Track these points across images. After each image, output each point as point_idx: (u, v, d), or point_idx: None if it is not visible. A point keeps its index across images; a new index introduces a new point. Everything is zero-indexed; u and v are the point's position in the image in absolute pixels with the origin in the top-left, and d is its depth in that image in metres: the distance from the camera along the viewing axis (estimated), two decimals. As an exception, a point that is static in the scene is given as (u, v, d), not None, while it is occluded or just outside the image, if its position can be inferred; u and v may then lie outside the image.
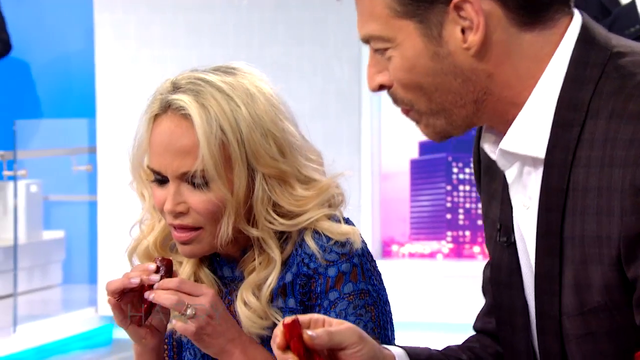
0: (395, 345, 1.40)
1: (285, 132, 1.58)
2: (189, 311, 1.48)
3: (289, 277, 1.56)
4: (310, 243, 1.55)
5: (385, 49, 1.27)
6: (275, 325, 1.55)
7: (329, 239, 1.55)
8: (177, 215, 1.55)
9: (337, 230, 1.56)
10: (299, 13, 5.92)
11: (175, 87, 1.58)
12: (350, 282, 1.54)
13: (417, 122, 1.31)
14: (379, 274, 1.59)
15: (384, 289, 1.60)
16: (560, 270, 1.20)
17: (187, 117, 1.54)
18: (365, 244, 1.59)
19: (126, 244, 1.68)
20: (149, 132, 1.57)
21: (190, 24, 6.01)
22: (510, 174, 1.29)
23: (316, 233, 1.56)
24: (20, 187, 6.65)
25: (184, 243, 1.56)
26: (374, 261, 1.59)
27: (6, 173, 6.23)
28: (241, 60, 1.67)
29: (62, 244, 7.14)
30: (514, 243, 1.31)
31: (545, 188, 1.22)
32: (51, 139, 7.03)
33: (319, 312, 1.53)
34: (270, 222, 1.55)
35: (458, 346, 1.50)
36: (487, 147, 1.32)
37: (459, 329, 5.70)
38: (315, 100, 5.88)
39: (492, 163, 1.37)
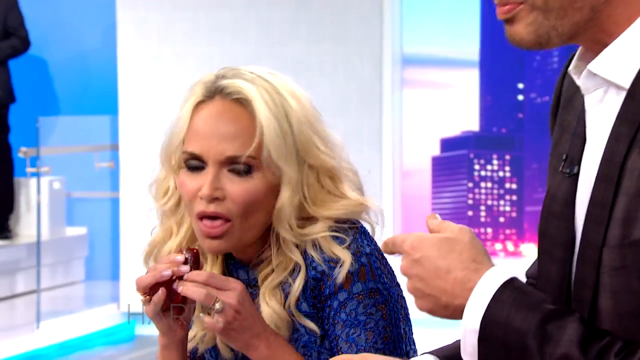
0: (425, 353, 1.41)
1: (326, 133, 1.60)
2: (217, 305, 1.48)
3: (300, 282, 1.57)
4: (313, 254, 1.56)
5: None
6: (294, 327, 1.56)
7: (336, 240, 1.55)
8: (213, 200, 1.52)
9: (331, 249, 1.55)
10: (320, 10, 5.95)
11: (223, 77, 1.58)
12: (359, 281, 1.53)
13: (518, 20, 1.22)
14: (391, 272, 1.59)
15: (397, 286, 1.59)
16: (614, 201, 1.19)
17: (239, 102, 1.53)
18: (373, 241, 1.58)
19: (147, 239, 1.68)
20: (188, 118, 1.55)
21: (212, 22, 6.04)
22: (591, 100, 1.27)
23: (314, 245, 1.56)
24: (43, 184, 6.71)
25: (213, 237, 1.55)
26: (385, 259, 1.58)
27: (29, 170, 6.29)
28: (264, 58, 1.68)
29: (85, 240, 7.19)
30: (577, 174, 1.28)
31: (620, 117, 1.21)
32: (74, 136, 7.08)
33: (329, 313, 1.54)
34: (289, 226, 1.55)
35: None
36: (574, 71, 1.29)
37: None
38: (336, 97, 5.90)
39: (574, 97, 1.35)
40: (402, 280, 1.64)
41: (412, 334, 1.62)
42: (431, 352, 1.39)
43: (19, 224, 6.98)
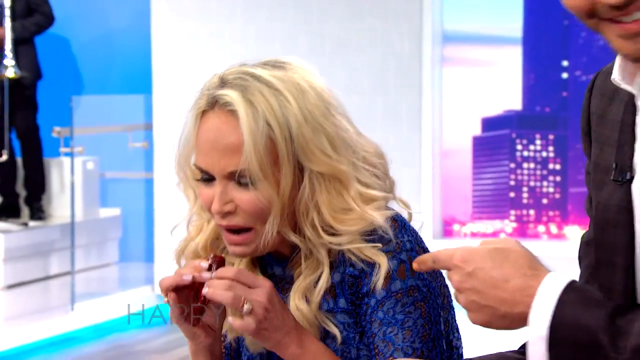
0: None
1: (337, 128, 1.54)
2: (246, 307, 1.47)
3: (337, 277, 1.55)
4: (349, 255, 1.55)
5: None
6: (324, 329, 1.55)
7: (374, 237, 1.53)
8: (225, 215, 1.53)
9: (365, 254, 1.53)
10: (359, -14, 5.92)
11: (223, 82, 1.56)
12: (397, 279, 1.52)
13: None
14: None
15: (440, 276, 1.58)
16: None
17: (234, 113, 1.52)
18: (415, 234, 1.56)
19: (183, 221, 1.68)
20: (196, 129, 1.55)
21: (248, -2, 6.04)
22: None
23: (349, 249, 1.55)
24: (77, 164, 6.76)
25: (236, 244, 1.55)
26: (428, 251, 1.56)
27: (63, 150, 6.33)
28: (301, 35, 1.67)
29: (119, 221, 7.24)
30: (630, 180, 1.29)
31: None
32: (107, 115, 7.12)
33: (365, 310, 1.53)
34: (312, 229, 1.54)
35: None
36: (620, 79, 1.29)
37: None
38: (374, 75, 5.88)
39: (606, 111, 1.36)
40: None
41: (455, 321, 1.61)
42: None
43: (53, 205, 7.04)
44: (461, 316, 1.64)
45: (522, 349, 1.45)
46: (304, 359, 1.51)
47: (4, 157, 6.63)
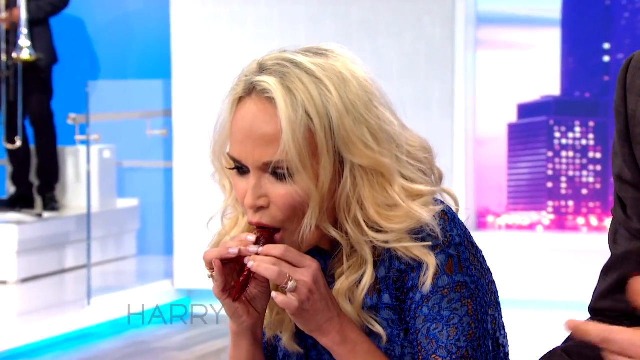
0: None
1: (380, 120, 1.53)
2: (290, 284, 1.48)
3: (382, 272, 1.55)
4: (397, 252, 1.55)
5: None
6: (368, 329, 1.55)
7: (421, 230, 1.53)
8: (258, 210, 1.52)
9: (412, 253, 1.53)
10: (388, -35, 5.89)
11: (261, 69, 1.55)
12: (445, 274, 1.52)
13: None
14: (481, 261, 1.57)
15: (488, 272, 1.58)
16: None
17: (272, 101, 1.51)
18: (464, 229, 1.56)
19: (203, 212, 1.67)
20: (231, 116, 1.55)
21: (271, -21, 6.02)
22: None
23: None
24: (93, 153, 6.78)
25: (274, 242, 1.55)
26: (476, 248, 1.57)
27: (78, 137, 6.35)
28: (328, 17, 1.66)
29: (137, 212, 7.26)
30: None
31: None
32: (125, 101, 7.13)
33: (410, 305, 1.53)
34: (355, 225, 1.53)
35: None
36: None
37: (560, 306, 5.66)
38: (404, 60, 5.85)
39: None
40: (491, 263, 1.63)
41: (501, 318, 1.61)
42: None
43: (68, 195, 7.07)
44: (506, 313, 1.64)
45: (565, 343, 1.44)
46: (343, 347, 1.52)
47: (18, 144, 6.66)
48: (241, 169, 1.55)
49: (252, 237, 1.52)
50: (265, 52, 1.61)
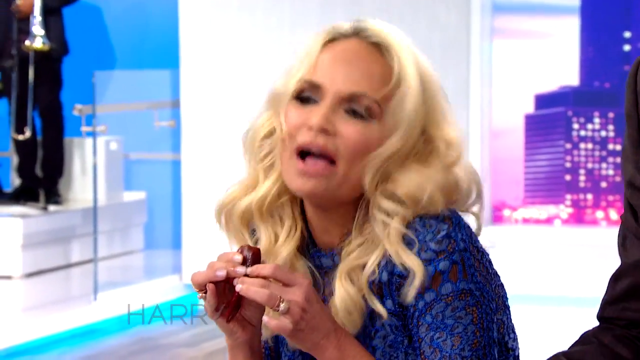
0: None
1: (449, 108, 1.62)
2: (282, 306, 1.47)
3: (385, 277, 1.54)
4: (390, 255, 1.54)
5: None
6: (374, 320, 1.55)
7: (424, 234, 1.53)
8: (322, 132, 1.52)
9: (400, 256, 1.52)
10: (402, -48, 5.88)
11: (358, 22, 1.60)
12: (449, 281, 1.51)
13: None
14: (487, 266, 1.56)
15: (495, 275, 1.57)
16: None
17: (378, 47, 1.56)
18: (469, 233, 1.55)
19: (212, 205, 1.65)
20: (316, 52, 1.56)
21: (282, -34, 6.02)
22: None
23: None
24: (100, 145, 6.79)
25: (309, 176, 1.53)
26: (482, 252, 1.55)
27: (84, 129, 6.36)
28: (339, 4, 1.66)
29: (144, 206, 7.27)
30: None
31: None
32: (132, 92, 7.14)
33: (413, 313, 1.52)
34: (380, 192, 1.54)
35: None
36: None
37: (578, 302, 5.65)
38: (418, 49, 5.84)
39: None
40: (498, 253, 1.63)
41: (511, 321, 1.60)
42: None
43: (74, 188, 7.08)
44: (516, 315, 1.63)
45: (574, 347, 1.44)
46: None
47: (27, 134, 6.66)
48: (306, 99, 1.55)
49: (238, 257, 1.50)
50: (276, 42, 1.61)
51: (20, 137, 6.66)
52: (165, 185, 7.13)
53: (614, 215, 6.13)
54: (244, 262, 1.50)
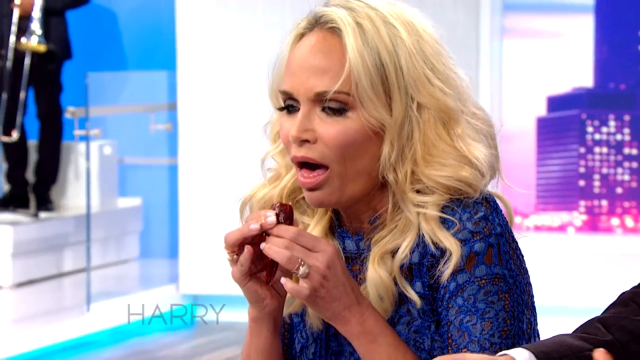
0: (519, 347, 1.39)
1: (450, 71, 1.57)
2: (301, 270, 1.48)
3: (415, 257, 1.55)
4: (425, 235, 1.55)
5: None
6: (400, 305, 1.55)
7: (460, 214, 1.53)
8: (302, 144, 1.54)
9: (436, 235, 1.53)
10: (408, -52, 5.89)
11: (327, 3, 1.59)
12: (483, 264, 1.52)
13: None
14: (520, 258, 1.58)
15: (525, 272, 1.58)
16: None
17: (335, 32, 1.55)
18: (505, 221, 1.57)
19: (210, 212, 1.67)
20: (287, 53, 1.57)
21: (283, -38, 6.02)
22: None
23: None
24: (93, 149, 6.79)
25: (311, 189, 1.55)
26: (516, 244, 1.58)
27: (77, 132, 6.36)
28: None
29: (139, 212, 7.27)
30: None
31: None
32: (127, 94, 7.15)
33: (443, 295, 1.53)
34: (404, 177, 1.54)
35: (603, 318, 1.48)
36: None
37: (592, 313, 5.64)
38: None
39: None
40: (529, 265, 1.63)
41: (537, 324, 1.61)
42: (526, 348, 1.39)
43: (66, 194, 7.09)
44: (543, 320, 1.64)
45: (581, 332, 1.46)
46: (363, 338, 1.51)
47: (15, 137, 6.66)
48: (290, 108, 1.56)
49: (270, 213, 1.51)
50: (277, 41, 1.62)
51: (5, 139, 6.66)
52: (161, 191, 7.13)
53: (630, 222, 6.13)
54: (277, 219, 1.51)
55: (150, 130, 6.66)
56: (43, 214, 6.77)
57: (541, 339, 1.62)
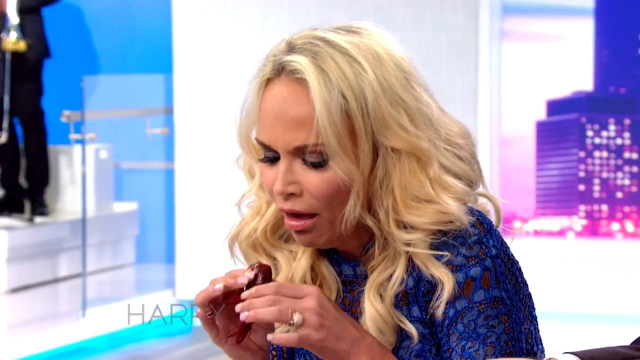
0: (567, 352, 1.39)
1: (418, 101, 1.56)
2: (295, 318, 1.47)
3: (410, 283, 1.55)
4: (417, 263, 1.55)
5: None
6: (400, 330, 1.55)
7: (452, 242, 1.53)
8: (288, 197, 1.53)
9: (428, 268, 1.52)
10: (406, -50, 5.90)
11: (291, 48, 1.55)
12: (481, 288, 1.52)
13: None
14: (517, 275, 1.58)
15: (524, 285, 1.58)
16: None
17: (302, 82, 1.52)
18: (500, 240, 1.57)
19: (207, 217, 1.68)
20: (259, 99, 1.55)
21: (280, -35, 6.03)
22: None
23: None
24: (89, 153, 6.80)
25: (299, 232, 1.55)
26: (512, 260, 1.58)
27: (73, 136, 6.37)
28: (340, 6, 1.66)
29: (135, 217, 7.28)
30: None
31: None
32: (123, 97, 7.15)
33: (443, 321, 1.53)
34: (386, 216, 1.53)
35: None
36: None
37: (592, 319, 5.65)
38: (423, 52, 5.85)
39: None
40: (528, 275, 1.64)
41: (538, 332, 1.62)
42: (574, 353, 1.39)
43: (62, 199, 7.09)
44: (543, 325, 1.64)
45: (636, 344, 1.45)
46: None
47: (3, 139, 6.65)
48: (270, 158, 1.56)
49: (249, 274, 1.50)
50: (274, 44, 1.61)
51: None
52: (157, 196, 7.13)
53: (630, 227, 6.13)
54: (255, 279, 1.50)
55: (146, 134, 6.66)
56: (38, 219, 6.77)
57: (543, 344, 1.64)
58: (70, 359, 5.50)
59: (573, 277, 5.85)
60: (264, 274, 1.50)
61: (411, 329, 1.54)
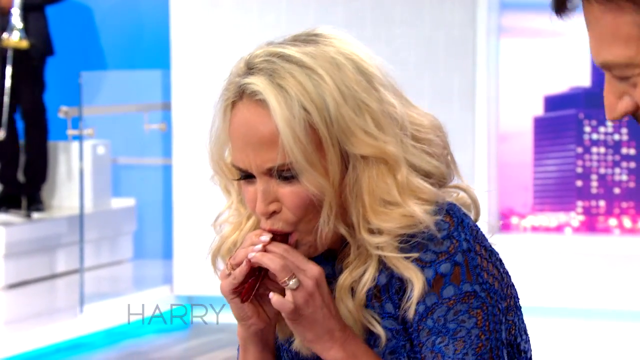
0: None
1: (382, 103, 1.55)
2: (292, 281, 1.52)
3: (383, 279, 1.57)
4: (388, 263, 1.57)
5: (631, 76, 1.24)
6: (369, 330, 1.57)
7: (420, 239, 1.54)
8: (270, 216, 1.55)
9: (398, 268, 1.54)
10: (404, -54, 5.90)
11: (249, 68, 1.58)
12: (450, 284, 1.53)
13: None
14: (496, 265, 1.57)
15: (506, 274, 1.58)
16: None
17: (263, 103, 1.54)
18: (474, 232, 1.56)
19: (204, 213, 1.70)
20: (226, 123, 1.57)
21: (278, -39, 6.03)
22: None
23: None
24: (86, 149, 6.80)
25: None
26: (490, 251, 1.57)
27: (70, 132, 6.37)
28: (338, 2, 1.66)
29: (133, 213, 7.28)
30: None
31: None
32: (120, 93, 7.15)
33: (413, 317, 1.54)
34: (357, 221, 1.55)
35: None
36: None
37: (589, 315, 5.66)
38: (421, 49, 5.86)
39: None
40: (505, 263, 1.64)
41: (522, 322, 1.63)
42: None
43: (59, 195, 7.09)
44: (531, 321, 1.65)
45: None
46: None
47: (1, 135, 6.66)
48: (247, 177, 1.57)
49: (266, 237, 1.55)
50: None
51: None
52: (155, 192, 7.13)
53: (627, 223, 6.14)
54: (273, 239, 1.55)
55: (144, 130, 6.67)
56: (36, 215, 6.77)
57: (528, 335, 1.65)
58: (68, 354, 5.50)
59: (570, 272, 5.86)
60: (280, 239, 1.55)
61: (380, 331, 1.56)
